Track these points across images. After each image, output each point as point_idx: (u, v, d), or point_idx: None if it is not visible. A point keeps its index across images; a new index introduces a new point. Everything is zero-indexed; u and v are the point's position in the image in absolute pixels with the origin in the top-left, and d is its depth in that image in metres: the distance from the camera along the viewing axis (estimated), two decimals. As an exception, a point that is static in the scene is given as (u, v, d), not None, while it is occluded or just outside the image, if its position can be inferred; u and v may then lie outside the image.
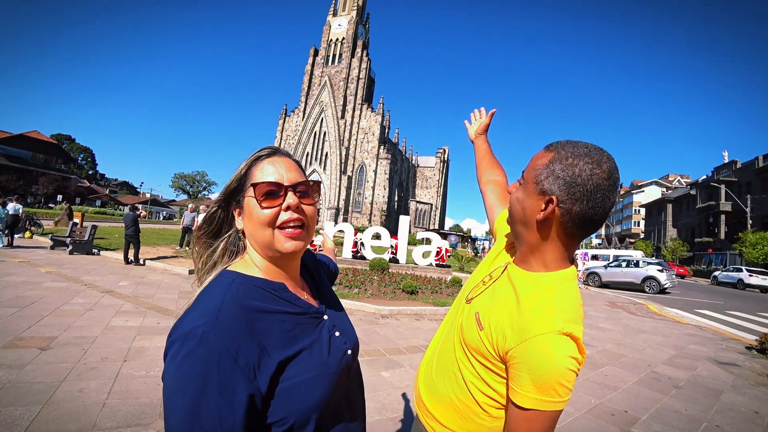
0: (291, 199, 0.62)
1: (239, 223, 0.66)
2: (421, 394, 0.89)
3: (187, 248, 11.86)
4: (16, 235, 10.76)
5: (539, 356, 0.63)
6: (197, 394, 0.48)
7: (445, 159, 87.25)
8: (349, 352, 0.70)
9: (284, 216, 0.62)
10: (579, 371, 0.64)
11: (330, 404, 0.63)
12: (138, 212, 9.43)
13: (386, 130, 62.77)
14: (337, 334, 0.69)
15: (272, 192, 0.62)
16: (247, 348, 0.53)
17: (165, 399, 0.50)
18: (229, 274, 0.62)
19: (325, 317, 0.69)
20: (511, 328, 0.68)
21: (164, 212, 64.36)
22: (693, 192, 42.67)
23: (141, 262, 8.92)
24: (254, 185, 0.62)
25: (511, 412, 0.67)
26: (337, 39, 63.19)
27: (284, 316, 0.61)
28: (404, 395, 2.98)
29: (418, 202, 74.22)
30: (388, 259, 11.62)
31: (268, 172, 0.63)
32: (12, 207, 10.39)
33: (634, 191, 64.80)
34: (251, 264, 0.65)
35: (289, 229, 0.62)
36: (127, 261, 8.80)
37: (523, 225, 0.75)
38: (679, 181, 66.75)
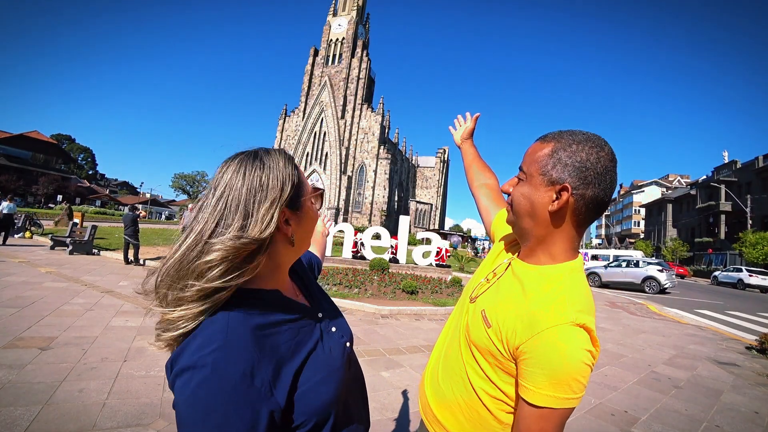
0: (320, 198, 0.72)
1: (288, 230, 0.61)
2: (428, 399, 0.86)
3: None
4: (16, 235, 10.77)
5: (552, 349, 0.60)
6: (216, 423, 0.47)
7: (445, 159, 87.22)
8: (348, 344, 0.71)
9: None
10: (593, 366, 0.61)
11: (341, 399, 0.63)
12: (137, 212, 9.45)
13: (386, 130, 62.75)
14: (333, 329, 0.70)
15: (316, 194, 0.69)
16: (261, 366, 0.52)
17: (181, 430, 0.48)
18: None
19: (320, 315, 0.70)
20: (521, 323, 0.66)
21: (165, 212, 64.38)
22: (693, 192, 42.70)
23: (141, 262, 8.93)
24: (315, 189, 0.68)
25: (522, 411, 0.64)
26: (337, 39, 63.17)
27: (287, 325, 0.61)
28: (405, 395, 2.98)
29: (418, 202, 74.16)
30: (388, 259, 11.63)
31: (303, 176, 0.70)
32: (6, 206, 10.39)
33: (634, 191, 64.82)
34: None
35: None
36: (127, 261, 8.81)
37: (531, 218, 0.72)
38: (679, 181, 66.77)
